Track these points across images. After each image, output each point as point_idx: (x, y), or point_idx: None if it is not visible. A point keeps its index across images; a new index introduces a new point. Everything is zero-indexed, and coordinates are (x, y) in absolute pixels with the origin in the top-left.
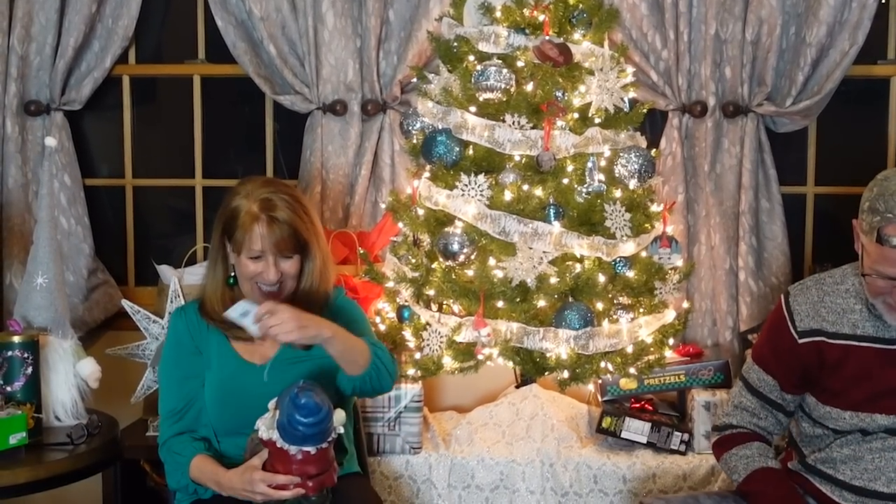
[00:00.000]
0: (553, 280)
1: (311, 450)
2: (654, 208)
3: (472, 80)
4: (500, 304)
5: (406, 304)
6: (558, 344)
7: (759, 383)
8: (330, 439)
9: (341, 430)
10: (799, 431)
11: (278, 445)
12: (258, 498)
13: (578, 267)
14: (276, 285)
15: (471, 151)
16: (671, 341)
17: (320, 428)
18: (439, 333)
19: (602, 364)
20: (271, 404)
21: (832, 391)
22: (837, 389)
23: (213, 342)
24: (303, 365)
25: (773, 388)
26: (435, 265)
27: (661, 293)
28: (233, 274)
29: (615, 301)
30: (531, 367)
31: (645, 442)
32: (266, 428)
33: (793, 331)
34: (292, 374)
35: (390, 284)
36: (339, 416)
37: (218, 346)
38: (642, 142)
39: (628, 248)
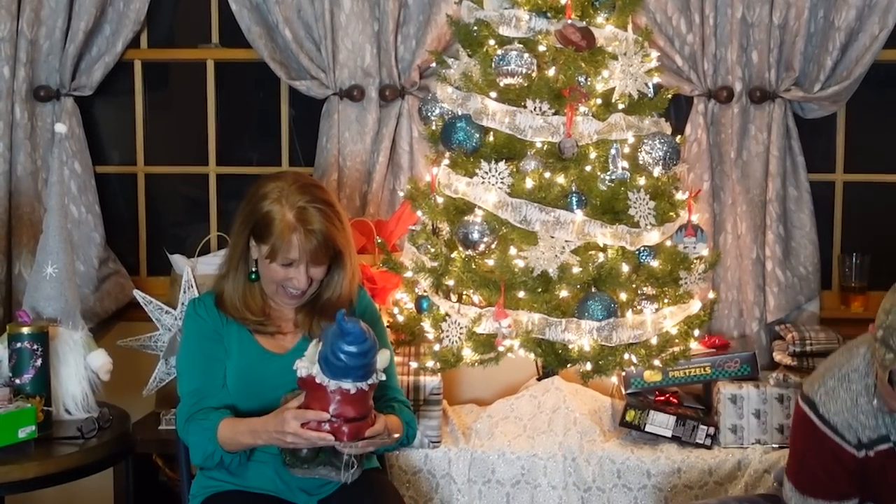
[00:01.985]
0: (575, 270)
1: (350, 388)
2: (679, 196)
3: (493, 65)
4: (521, 294)
5: (425, 294)
6: (581, 335)
7: None
8: (371, 381)
9: (383, 377)
10: None
11: (317, 381)
12: (289, 439)
13: (601, 256)
14: (301, 291)
15: (491, 138)
16: (696, 332)
17: (363, 361)
18: (459, 325)
19: (626, 356)
20: (313, 342)
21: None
22: (884, 496)
23: (233, 332)
24: None
25: None
26: (454, 254)
27: (686, 283)
28: (254, 269)
29: (639, 291)
30: (553, 359)
31: (670, 436)
32: (307, 363)
33: (847, 445)
34: None
35: (409, 274)
36: (384, 356)
37: (238, 336)
38: (667, 128)
39: (652, 237)
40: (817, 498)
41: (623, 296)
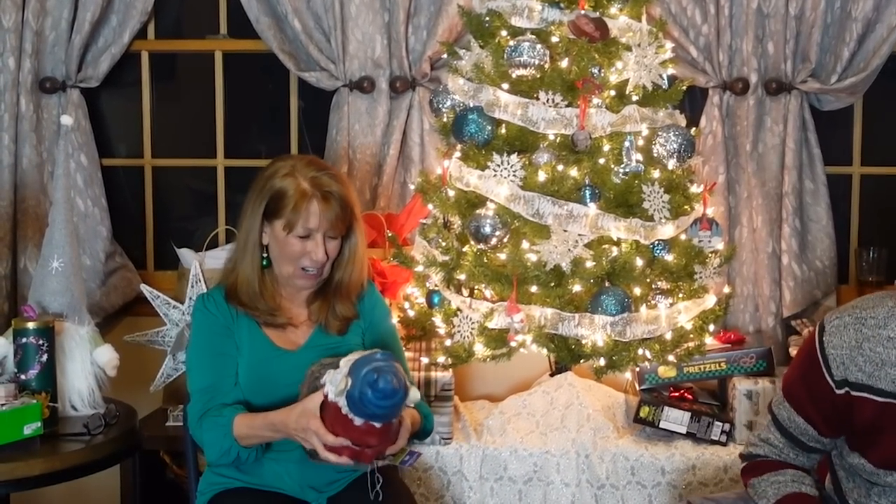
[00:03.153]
0: (589, 264)
1: (377, 424)
2: (694, 189)
3: (505, 56)
4: (533, 288)
5: (436, 288)
6: (594, 330)
7: (790, 424)
8: (398, 416)
9: (411, 406)
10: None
11: (343, 412)
12: (307, 446)
13: (615, 250)
14: (318, 267)
15: (503, 130)
16: (712, 328)
17: (392, 410)
18: (470, 319)
19: (640, 351)
20: (344, 362)
21: (865, 443)
22: (870, 444)
23: (243, 327)
24: (337, 351)
25: (806, 431)
26: (466, 248)
27: (701, 277)
28: (265, 256)
29: (653, 286)
30: (566, 355)
31: (684, 432)
32: (334, 391)
33: (829, 378)
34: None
35: (419, 268)
36: (414, 394)
37: (249, 332)
38: (681, 120)
39: (667, 230)
40: (790, 406)
41: (637, 290)
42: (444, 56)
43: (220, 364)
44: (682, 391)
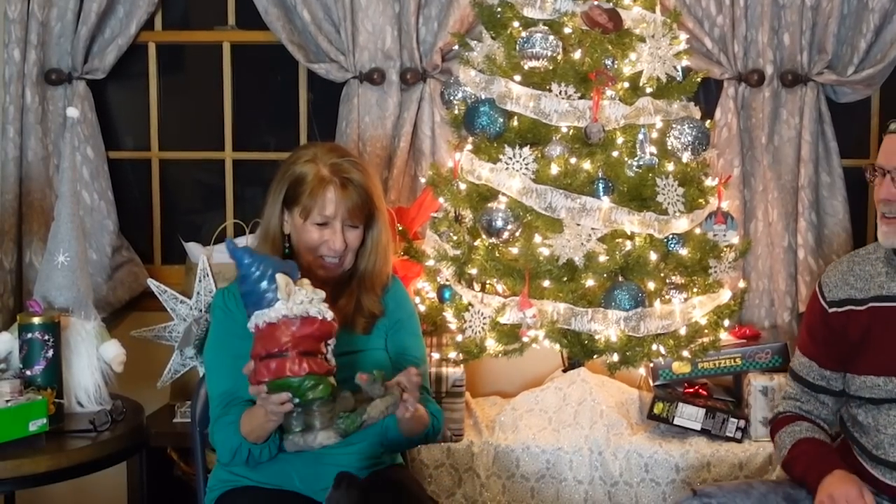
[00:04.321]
0: (602, 258)
1: (251, 325)
2: (709, 182)
3: (517, 48)
4: (546, 283)
5: (447, 283)
6: (607, 325)
7: (800, 368)
8: (271, 318)
9: (296, 312)
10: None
11: (249, 329)
12: (267, 406)
13: (629, 244)
14: (338, 257)
15: (515, 123)
16: (726, 323)
17: (250, 286)
18: (482, 315)
19: (654, 347)
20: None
21: (865, 360)
22: (869, 356)
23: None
24: (356, 356)
25: (812, 368)
26: (477, 242)
27: (715, 272)
28: (287, 246)
29: (667, 280)
30: (579, 350)
31: (699, 429)
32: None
33: (823, 303)
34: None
35: (430, 263)
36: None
37: None
38: (696, 112)
39: (681, 224)
40: (799, 352)
41: (651, 285)
42: (456, 47)
43: (237, 367)
44: (696, 387)
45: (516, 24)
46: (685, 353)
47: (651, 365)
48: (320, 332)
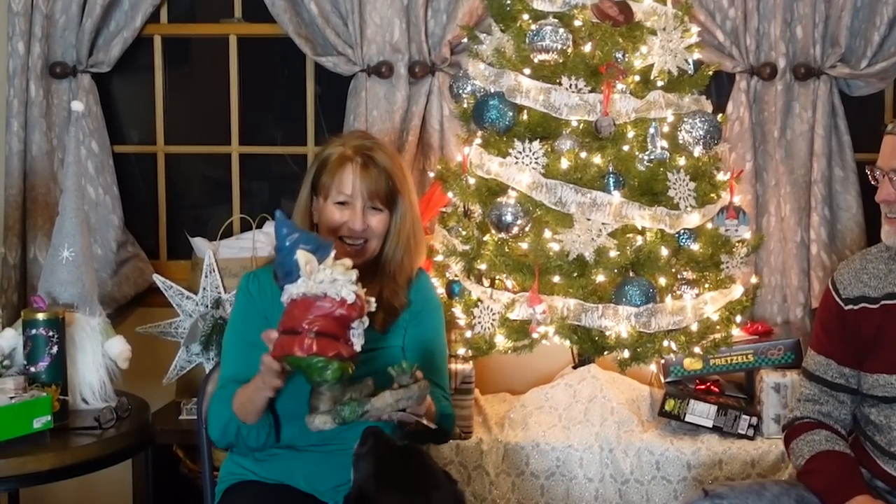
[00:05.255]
0: (612, 253)
1: (285, 298)
2: (721, 177)
3: (527, 41)
4: (556, 279)
5: (456, 278)
6: (618, 321)
7: (816, 367)
8: (297, 295)
9: (324, 290)
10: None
11: (282, 301)
12: (266, 375)
13: (640, 239)
14: (361, 240)
15: (525, 116)
16: (738, 319)
17: (281, 258)
18: (491, 310)
19: (665, 343)
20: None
21: (877, 358)
22: (881, 355)
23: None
24: (371, 354)
25: (830, 366)
26: (487, 238)
27: (727, 267)
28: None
29: (679, 276)
30: (589, 347)
31: (710, 426)
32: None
33: (839, 300)
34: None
35: (439, 258)
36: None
37: None
38: (708, 106)
39: (693, 219)
40: (813, 351)
41: (662, 280)
42: (465, 40)
43: (248, 353)
44: (708, 384)
45: (526, 16)
46: (697, 350)
47: (662, 361)
48: (340, 314)
